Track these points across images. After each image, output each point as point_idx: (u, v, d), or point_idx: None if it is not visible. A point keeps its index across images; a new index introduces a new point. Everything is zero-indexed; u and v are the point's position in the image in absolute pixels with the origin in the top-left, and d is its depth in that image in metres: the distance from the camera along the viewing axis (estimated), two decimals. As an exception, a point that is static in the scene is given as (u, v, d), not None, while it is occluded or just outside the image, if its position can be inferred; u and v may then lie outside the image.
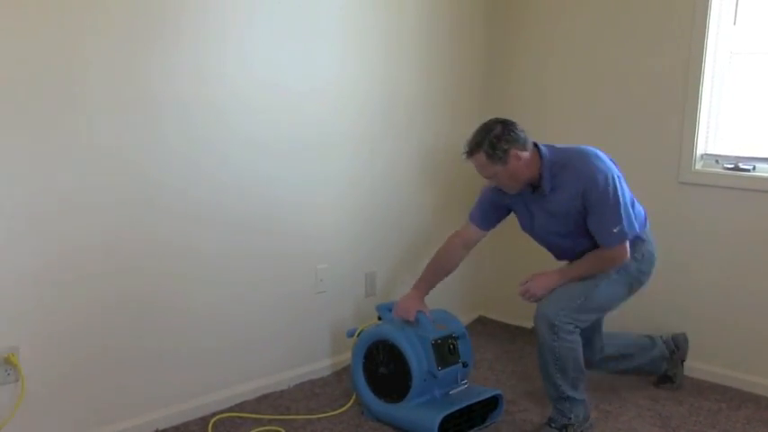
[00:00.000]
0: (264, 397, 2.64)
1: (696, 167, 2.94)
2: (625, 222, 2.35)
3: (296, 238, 2.71)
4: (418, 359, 2.38)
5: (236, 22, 2.40)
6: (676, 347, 2.79)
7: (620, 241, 2.37)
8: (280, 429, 2.39)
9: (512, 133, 2.37)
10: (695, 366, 2.89)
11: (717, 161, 2.93)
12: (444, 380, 2.41)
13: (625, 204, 2.37)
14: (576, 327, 2.38)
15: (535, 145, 2.43)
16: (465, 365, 2.47)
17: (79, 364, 2.16)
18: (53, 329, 2.09)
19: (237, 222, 2.51)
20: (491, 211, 2.59)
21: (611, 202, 2.34)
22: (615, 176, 2.38)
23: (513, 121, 2.43)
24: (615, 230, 2.35)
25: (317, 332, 2.86)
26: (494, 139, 2.36)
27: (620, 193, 2.35)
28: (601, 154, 2.44)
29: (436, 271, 2.65)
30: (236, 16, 2.40)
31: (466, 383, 2.50)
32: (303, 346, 2.81)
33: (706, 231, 2.92)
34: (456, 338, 2.47)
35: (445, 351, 2.41)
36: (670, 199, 2.98)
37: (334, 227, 2.85)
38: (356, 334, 2.57)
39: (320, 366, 2.87)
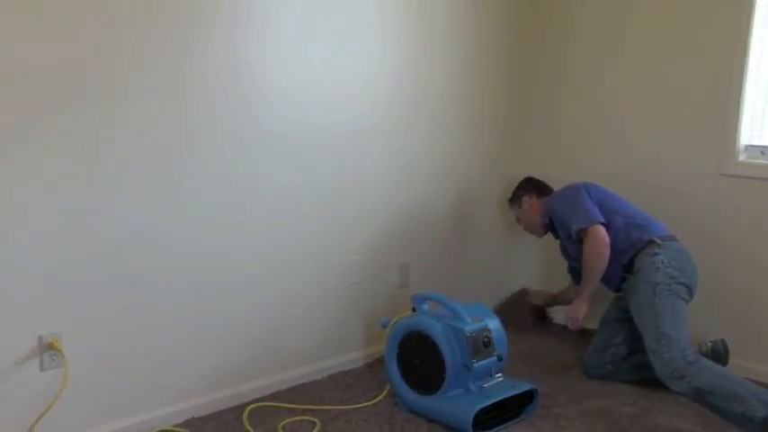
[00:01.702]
0: (298, 387, 2.65)
1: (739, 159, 2.88)
2: (580, 218, 2.70)
3: (329, 229, 2.72)
4: (452, 351, 2.37)
5: (275, 20, 2.43)
6: (716, 358, 2.72)
7: (584, 232, 2.68)
8: (313, 419, 2.40)
9: (528, 184, 3.06)
10: (737, 364, 2.80)
11: (762, 152, 2.86)
12: (479, 373, 2.39)
13: (580, 204, 2.72)
14: (686, 354, 2.37)
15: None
16: (500, 359, 2.45)
17: (118, 352, 2.20)
18: (94, 317, 2.13)
19: (270, 215, 2.53)
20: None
21: (564, 207, 2.80)
22: (573, 188, 2.81)
23: (538, 179, 3.08)
24: (574, 227, 2.71)
25: (350, 323, 2.87)
26: (516, 188, 3.10)
27: (572, 197, 2.77)
28: (573, 184, 2.86)
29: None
30: (275, 15, 2.43)
31: (500, 377, 2.48)
32: (337, 337, 2.82)
33: (749, 225, 2.85)
34: (491, 331, 2.45)
35: (480, 344, 2.39)
36: (712, 192, 2.92)
37: (368, 218, 2.86)
38: (390, 325, 2.56)
39: (354, 357, 2.88)
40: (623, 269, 2.69)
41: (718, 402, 2.25)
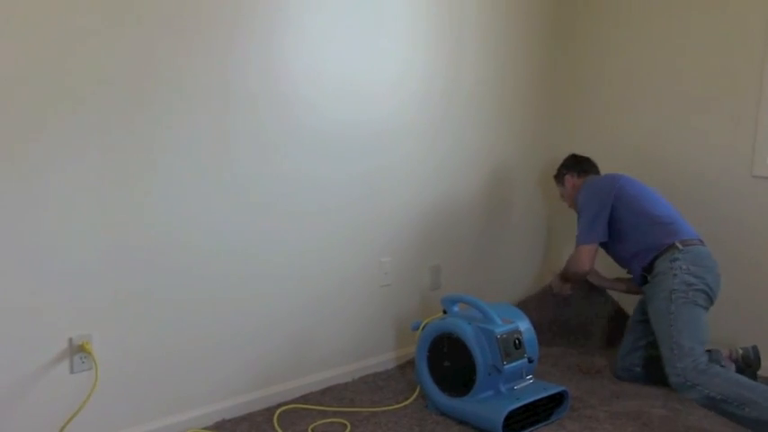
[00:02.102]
0: (329, 389, 2.65)
1: (771, 160, 2.86)
2: (578, 232, 2.78)
3: (360, 231, 2.72)
4: (483, 353, 2.36)
5: (308, 20, 2.43)
6: (747, 365, 2.69)
7: (577, 245, 2.78)
8: (344, 421, 2.39)
9: (572, 162, 3.04)
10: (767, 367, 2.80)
11: (793, 154, 2.84)
12: (509, 374, 2.38)
13: (590, 218, 2.74)
14: (698, 362, 2.34)
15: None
16: (530, 360, 2.44)
17: (148, 355, 2.19)
18: (123, 320, 2.13)
19: (301, 216, 2.52)
20: None
21: (582, 208, 2.81)
22: (600, 189, 2.76)
23: (587, 157, 3.04)
24: (576, 233, 2.80)
25: (381, 325, 2.86)
26: (560, 165, 3.09)
27: (588, 207, 2.76)
28: (604, 176, 2.87)
29: None
30: (309, 15, 2.43)
31: (531, 378, 2.47)
32: (367, 339, 2.82)
33: (781, 226, 2.83)
34: (521, 333, 2.44)
35: (510, 345, 2.38)
36: (743, 193, 2.90)
37: (398, 220, 2.85)
38: (421, 327, 2.55)
39: (384, 359, 2.88)
40: (643, 269, 2.67)
41: (733, 409, 2.23)
